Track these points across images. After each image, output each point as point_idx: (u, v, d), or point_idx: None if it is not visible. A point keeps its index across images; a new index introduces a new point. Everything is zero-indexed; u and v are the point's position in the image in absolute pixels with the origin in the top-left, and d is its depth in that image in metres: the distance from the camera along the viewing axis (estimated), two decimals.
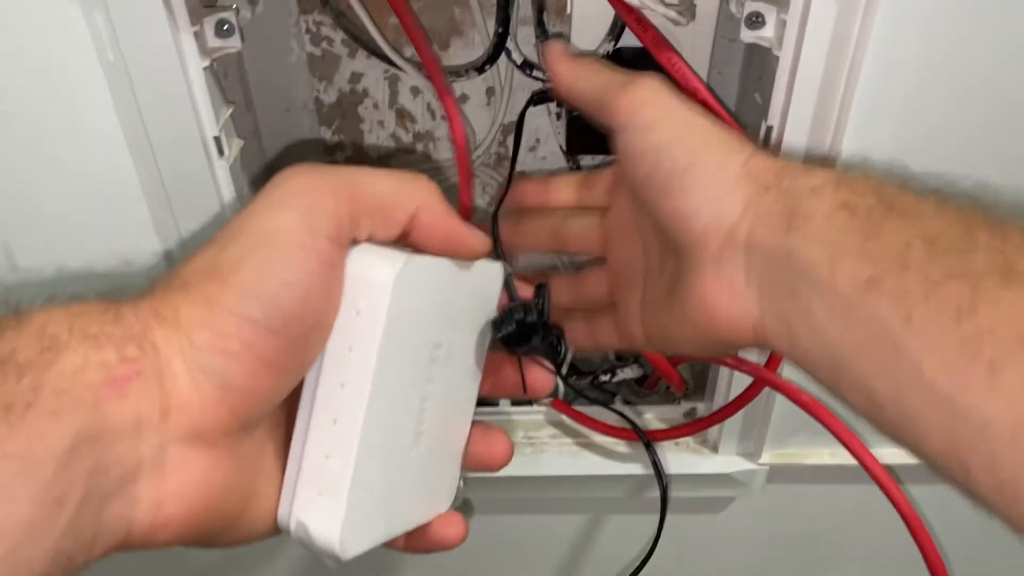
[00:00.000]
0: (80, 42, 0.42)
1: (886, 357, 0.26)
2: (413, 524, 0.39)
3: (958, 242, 0.26)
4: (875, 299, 0.26)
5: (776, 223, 0.30)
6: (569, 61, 0.39)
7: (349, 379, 0.31)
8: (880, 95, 0.44)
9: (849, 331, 0.27)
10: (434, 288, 0.33)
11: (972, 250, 0.26)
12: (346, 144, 0.65)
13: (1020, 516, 0.24)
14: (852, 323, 0.27)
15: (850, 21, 0.41)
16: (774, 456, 0.66)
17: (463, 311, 0.36)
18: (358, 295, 0.30)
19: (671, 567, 0.83)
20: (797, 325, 0.29)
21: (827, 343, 0.28)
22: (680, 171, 0.32)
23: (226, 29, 0.45)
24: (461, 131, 0.46)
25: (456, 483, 0.41)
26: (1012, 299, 0.24)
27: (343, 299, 0.30)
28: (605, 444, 0.68)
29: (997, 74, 0.43)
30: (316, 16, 0.58)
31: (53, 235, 0.51)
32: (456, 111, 0.47)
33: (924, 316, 0.25)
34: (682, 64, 0.46)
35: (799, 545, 0.79)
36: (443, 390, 0.36)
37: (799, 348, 0.29)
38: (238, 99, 0.60)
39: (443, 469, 0.40)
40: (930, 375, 0.25)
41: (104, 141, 0.46)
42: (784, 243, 0.30)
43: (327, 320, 0.30)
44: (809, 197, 0.30)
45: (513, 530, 0.78)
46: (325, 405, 0.31)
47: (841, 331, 0.27)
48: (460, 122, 0.47)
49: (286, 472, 0.34)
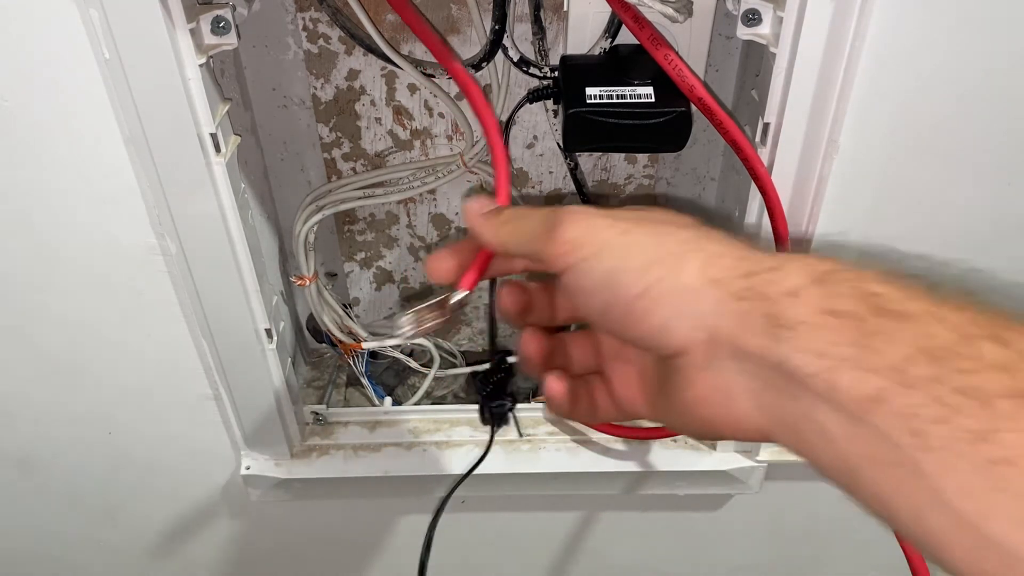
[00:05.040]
0: (76, 39, 0.42)
1: (903, 476, 0.25)
2: None
3: (963, 358, 0.25)
4: (883, 418, 0.25)
5: (759, 331, 0.28)
6: (490, 223, 0.36)
7: None
8: (877, 91, 0.44)
9: (860, 445, 0.26)
10: None
11: (978, 367, 0.25)
12: (343, 141, 0.65)
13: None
14: (862, 438, 0.26)
15: (846, 17, 0.41)
16: (772, 453, 0.66)
17: None
18: None
19: (670, 564, 0.83)
20: (805, 432, 0.28)
21: (839, 454, 0.27)
22: (637, 296, 0.30)
23: (222, 26, 0.45)
24: (492, 117, 0.44)
25: None
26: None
27: None
28: (602, 441, 0.68)
29: (992, 69, 0.43)
30: (313, 13, 0.58)
31: (48, 232, 0.51)
32: (482, 98, 0.45)
33: (940, 439, 0.24)
34: (679, 61, 0.46)
35: (797, 541, 0.79)
36: None
37: (810, 454, 0.28)
38: (235, 96, 0.60)
39: None
40: (952, 500, 0.24)
41: (100, 137, 0.46)
42: (774, 351, 0.28)
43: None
44: (789, 302, 0.28)
45: (511, 527, 0.78)
46: None
47: (852, 444, 0.26)
48: (488, 107, 0.44)
49: None
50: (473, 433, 0.69)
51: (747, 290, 0.29)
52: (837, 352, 0.27)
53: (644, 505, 0.75)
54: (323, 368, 0.77)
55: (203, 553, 0.79)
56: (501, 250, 0.37)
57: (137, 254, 0.52)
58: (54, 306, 0.56)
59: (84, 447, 0.67)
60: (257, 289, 0.55)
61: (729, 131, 0.46)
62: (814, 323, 0.27)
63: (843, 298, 0.28)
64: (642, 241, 0.32)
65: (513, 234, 0.35)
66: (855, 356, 0.26)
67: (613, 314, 0.32)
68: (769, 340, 0.28)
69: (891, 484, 0.26)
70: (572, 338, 0.41)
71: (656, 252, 0.31)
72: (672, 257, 0.31)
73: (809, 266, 0.29)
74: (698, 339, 0.30)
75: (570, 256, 0.32)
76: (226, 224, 0.51)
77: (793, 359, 0.27)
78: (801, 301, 0.28)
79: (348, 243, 0.73)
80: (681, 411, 0.32)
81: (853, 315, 0.27)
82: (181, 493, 0.72)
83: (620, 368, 0.38)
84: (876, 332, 0.26)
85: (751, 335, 0.29)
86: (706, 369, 0.30)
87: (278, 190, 0.68)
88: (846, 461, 0.27)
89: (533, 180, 0.68)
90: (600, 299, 0.32)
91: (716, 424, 0.31)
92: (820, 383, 0.27)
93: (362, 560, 0.67)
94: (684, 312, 0.30)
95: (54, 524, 0.75)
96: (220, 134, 0.47)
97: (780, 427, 0.29)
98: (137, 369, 0.60)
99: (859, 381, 0.26)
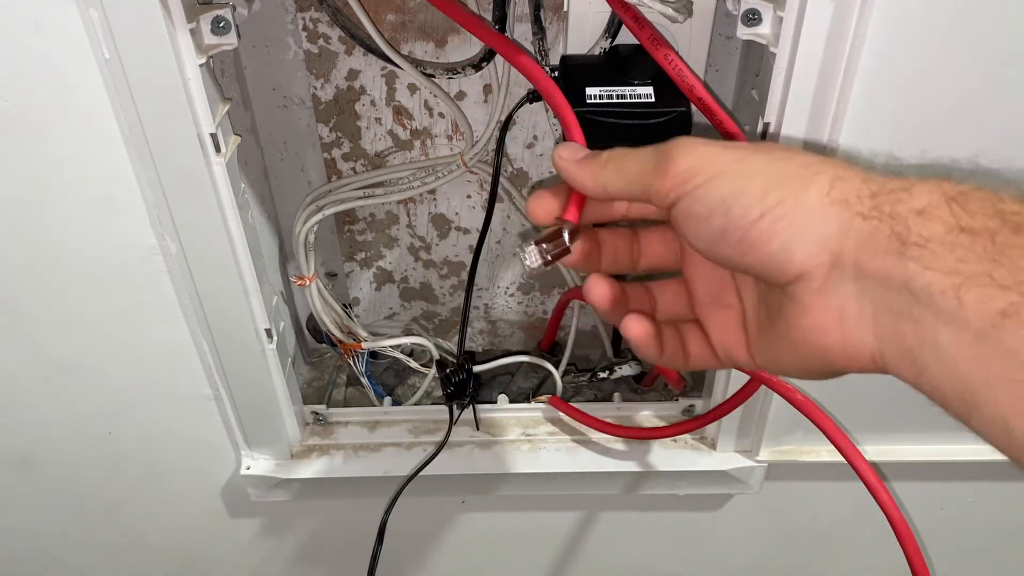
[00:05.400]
0: (76, 39, 0.42)
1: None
2: None
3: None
4: (1012, 332, 0.25)
5: (884, 250, 0.28)
6: (587, 167, 0.36)
7: None
8: (877, 90, 0.44)
9: (983, 365, 0.25)
10: None
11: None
12: (343, 141, 0.65)
13: None
14: (986, 357, 0.25)
15: (846, 17, 0.41)
16: (772, 453, 0.66)
17: None
18: None
19: (670, 564, 0.83)
20: (923, 356, 0.27)
21: (958, 376, 0.26)
22: (756, 220, 0.30)
23: (222, 26, 0.45)
24: (557, 91, 0.43)
25: None
26: None
27: None
28: (602, 441, 0.68)
29: (993, 69, 0.43)
30: (313, 13, 0.58)
31: (48, 231, 0.51)
32: (543, 72, 0.43)
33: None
34: (679, 61, 0.46)
35: (798, 541, 0.79)
36: None
37: (926, 380, 0.28)
38: (235, 96, 0.60)
39: None
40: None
41: (100, 137, 0.46)
42: (900, 270, 0.27)
43: None
44: (919, 220, 0.27)
45: (511, 526, 0.78)
46: None
47: (974, 365, 0.26)
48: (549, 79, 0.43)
49: None
50: (473, 434, 0.69)
51: (874, 209, 0.28)
52: (967, 268, 0.26)
53: (644, 505, 0.75)
54: (323, 368, 0.77)
55: (203, 553, 0.79)
56: (602, 194, 0.36)
57: (137, 254, 0.52)
58: (54, 306, 0.56)
59: (84, 447, 0.67)
60: (257, 289, 0.55)
61: (729, 131, 0.46)
62: (945, 240, 0.27)
63: (977, 215, 0.27)
64: (760, 166, 0.31)
65: (617, 174, 0.35)
66: (986, 272, 0.26)
67: (729, 240, 0.31)
68: (896, 259, 0.28)
69: (1013, 405, 0.25)
70: (658, 287, 0.40)
71: (776, 176, 0.31)
72: (793, 180, 0.30)
73: (941, 186, 0.28)
74: (820, 262, 0.29)
75: (685, 185, 0.32)
76: (226, 224, 0.51)
77: (921, 277, 0.27)
78: (932, 219, 0.27)
79: (348, 243, 0.73)
80: (793, 343, 0.31)
81: (987, 231, 0.26)
82: (181, 493, 0.72)
83: (718, 314, 0.38)
84: (1011, 247, 0.26)
85: (878, 254, 0.28)
86: (825, 293, 0.30)
87: (278, 190, 0.68)
88: (965, 383, 0.26)
89: (533, 180, 0.68)
90: (716, 225, 0.31)
91: (829, 353, 0.30)
92: (947, 301, 0.26)
93: (362, 560, 0.67)
94: (806, 234, 0.29)
95: (54, 524, 0.75)
96: (220, 134, 0.47)
97: (896, 353, 0.28)
98: (137, 369, 0.60)
99: (989, 297, 0.25)
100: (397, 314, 0.78)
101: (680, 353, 0.39)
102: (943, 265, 0.26)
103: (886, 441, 0.64)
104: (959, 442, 0.64)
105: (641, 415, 0.69)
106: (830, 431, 0.55)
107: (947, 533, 0.73)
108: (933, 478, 0.68)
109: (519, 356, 0.71)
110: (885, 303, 0.28)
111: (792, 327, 0.31)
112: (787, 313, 0.31)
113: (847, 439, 0.55)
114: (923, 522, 0.61)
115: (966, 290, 0.26)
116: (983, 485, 0.70)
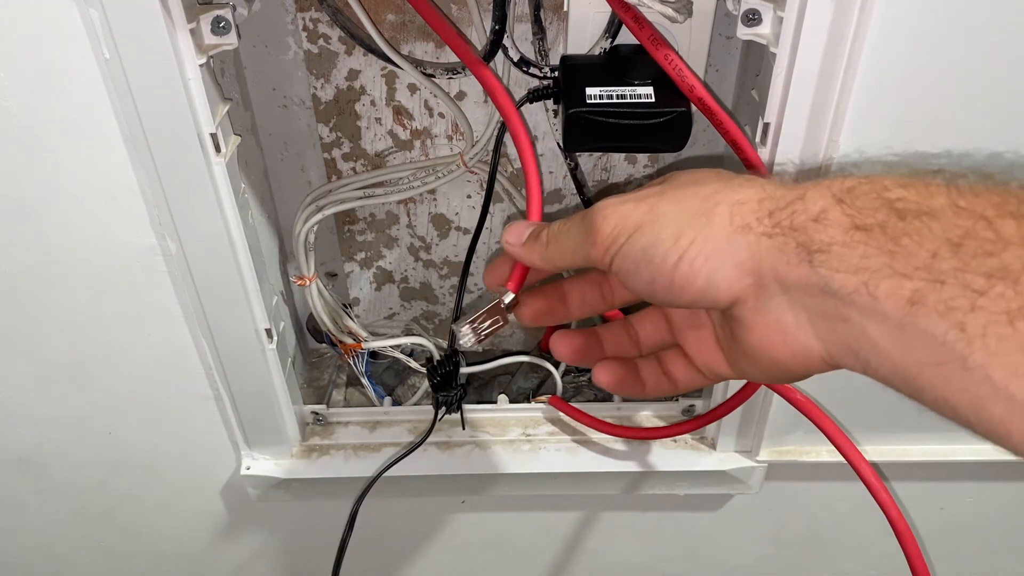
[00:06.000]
0: (76, 39, 0.42)
1: (955, 372, 0.26)
2: None
3: (985, 242, 0.26)
4: (924, 317, 0.26)
5: (796, 262, 0.29)
6: (533, 250, 0.38)
7: None
8: (877, 90, 0.44)
9: (911, 350, 0.27)
10: None
11: (1002, 248, 0.25)
12: (343, 141, 0.65)
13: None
14: (911, 344, 0.27)
15: (846, 17, 0.41)
16: (772, 453, 0.66)
17: None
18: None
19: (670, 564, 0.83)
20: (862, 351, 0.29)
21: (895, 364, 0.28)
22: (676, 262, 0.32)
23: (223, 26, 0.45)
24: (526, 135, 0.44)
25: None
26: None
27: None
28: (602, 441, 0.68)
29: (993, 69, 0.43)
30: (313, 13, 0.58)
31: (48, 231, 0.51)
32: (517, 118, 0.44)
33: (978, 326, 0.25)
34: (679, 61, 0.46)
35: (798, 541, 0.79)
36: None
37: (873, 371, 0.29)
38: (235, 96, 0.60)
39: None
40: (1004, 384, 0.24)
41: (100, 138, 0.46)
42: (815, 277, 0.29)
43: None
44: (817, 227, 0.29)
45: (511, 526, 0.78)
46: None
47: (904, 353, 0.27)
48: (523, 128, 0.44)
49: None
50: (473, 433, 0.69)
51: (775, 227, 0.30)
52: (870, 264, 0.27)
53: (644, 505, 0.75)
54: (323, 368, 0.77)
55: (203, 553, 0.79)
56: (554, 269, 0.39)
57: (137, 254, 0.52)
58: (54, 306, 0.56)
59: (84, 447, 0.67)
60: (257, 289, 0.55)
61: (729, 131, 0.46)
62: (844, 241, 0.28)
63: (867, 211, 0.28)
64: (668, 212, 0.33)
65: (559, 252, 0.37)
66: (887, 264, 0.27)
67: (660, 285, 0.33)
68: (808, 267, 0.29)
69: (947, 384, 0.26)
70: (638, 319, 0.42)
71: (683, 217, 0.32)
72: (698, 216, 0.32)
73: (830, 188, 0.30)
74: (745, 284, 0.31)
75: (612, 247, 0.34)
76: (226, 224, 0.51)
77: (834, 281, 0.28)
78: (828, 223, 0.29)
79: (348, 243, 0.73)
80: (752, 358, 0.33)
81: (879, 225, 0.28)
82: (181, 493, 0.72)
83: (694, 335, 0.39)
84: (902, 235, 0.27)
85: (791, 267, 0.30)
86: (760, 310, 0.31)
87: (278, 190, 0.68)
88: (903, 370, 0.27)
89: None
90: (644, 275, 0.33)
91: (784, 363, 0.32)
92: (862, 297, 0.27)
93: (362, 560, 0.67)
94: (723, 264, 0.31)
95: (54, 524, 0.75)
96: (220, 134, 0.47)
97: (840, 351, 0.30)
98: (137, 369, 0.60)
99: (895, 288, 0.27)
100: (397, 314, 0.78)
101: (664, 381, 0.41)
102: (848, 265, 0.28)
103: (886, 441, 0.64)
104: (959, 442, 0.64)
105: (641, 415, 0.69)
106: (830, 431, 0.55)
107: (947, 533, 0.73)
108: (933, 478, 0.68)
109: (519, 356, 0.71)
110: (815, 308, 0.30)
111: (745, 344, 0.33)
112: (737, 333, 0.33)
113: (847, 439, 0.55)
114: (923, 522, 0.61)
115: (874, 285, 0.27)
116: (983, 485, 0.70)
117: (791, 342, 0.31)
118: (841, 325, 0.29)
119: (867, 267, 0.27)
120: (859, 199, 0.29)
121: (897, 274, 0.27)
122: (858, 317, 0.28)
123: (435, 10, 0.47)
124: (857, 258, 0.28)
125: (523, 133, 0.44)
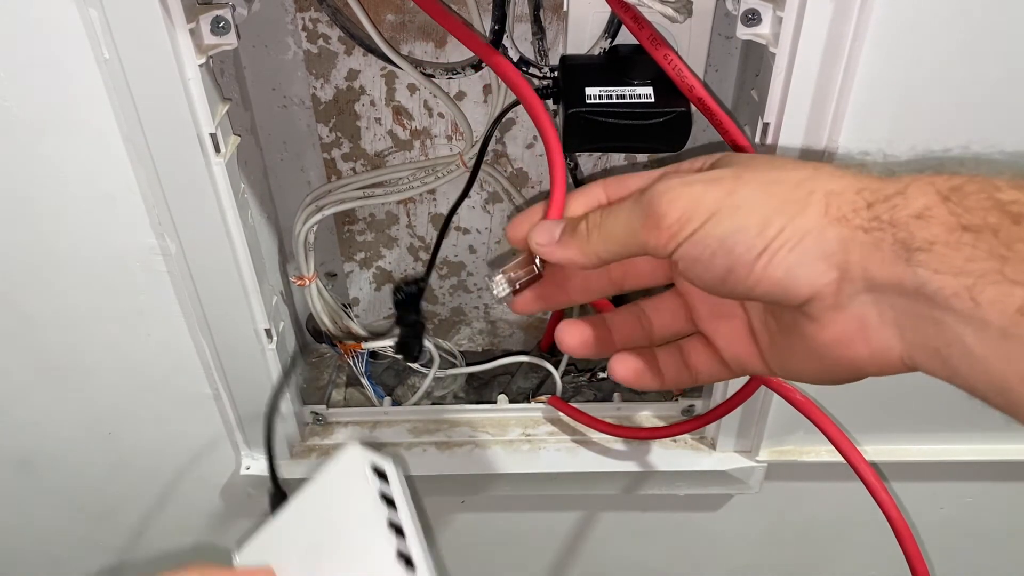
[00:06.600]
0: (76, 39, 0.42)
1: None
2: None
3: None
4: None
5: (892, 259, 0.28)
6: (572, 245, 0.35)
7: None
8: (877, 90, 0.44)
9: (1013, 361, 0.25)
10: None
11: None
12: (343, 141, 0.65)
13: None
14: (1014, 353, 0.25)
15: (846, 17, 0.41)
16: (772, 453, 0.66)
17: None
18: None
19: (670, 564, 0.83)
20: (952, 357, 0.27)
21: (990, 373, 0.26)
22: (760, 252, 0.29)
23: (222, 26, 0.45)
24: (551, 126, 0.43)
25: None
26: None
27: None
28: (601, 441, 0.68)
29: (993, 69, 0.43)
30: (313, 13, 0.58)
31: (48, 231, 0.51)
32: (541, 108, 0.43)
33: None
34: (678, 61, 0.46)
35: (798, 541, 0.79)
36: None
37: (960, 378, 0.27)
38: (234, 96, 0.60)
39: None
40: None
41: (100, 138, 0.46)
42: (910, 276, 0.27)
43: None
44: (919, 224, 0.27)
45: (511, 526, 0.78)
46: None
47: (1004, 363, 0.26)
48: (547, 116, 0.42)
49: None
50: (473, 433, 0.69)
51: (873, 220, 0.28)
52: (976, 268, 0.26)
53: (644, 505, 0.75)
54: (323, 368, 0.77)
55: (203, 553, 0.79)
56: (598, 264, 0.34)
57: (137, 254, 0.52)
58: (54, 306, 0.56)
59: (84, 447, 0.67)
60: (257, 289, 0.55)
61: (729, 131, 0.46)
62: (950, 241, 0.26)
63: (975, 211, 0.27)
64: (751, 197, 0.30)
65: (606, 241, 0.34)
66: (997, 269, 0.26)
67: (736, 277, 0.30)
68: (904, 266, 0.27)
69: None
70: (652, 307, 0.40)
71: (770, 204, 0.30)
72: (788, 204, 0.30)
73: (934, 184, 0.28)
74: (828, 280, 0.29)
75: (681, 233, 0.31)
76: (226, 224, 0.51)
77: (932, 282, 0.27)
78: (932, 221, 0.27)
79: (348, 243, 0.73)
80: (818, 355, 0.31)
81: (988, 227, 0.26)
82: (181, 493, 0.72)
83: (724, 325, 0.37)
84: (1016, 240, 0.26)
85: (884, 264, 0.28)
86: (840, 308, 0.30)
87: (278, 190, 0.68)
88: (1000, 380, 0.26)
89: (533, 180, 0.68)
90: (720, 265, 0.31)
91: (858, 362, 0.30)
92: (963, 302, 0.26)
93: None
94: (810, 256, 0.29)
95: (54, 524, 0.75)
96: (220, 134, 0.47)
97: (925, 355, 0.28)
98: (137, 369, 0.60)
99: (1004, 294, 0.25)
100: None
101: (685, 372, 0.38)
102: (952, 267, 0.26)
103: (886, 441, 0.64)
104: (959, 442, 0.64)
105: (641, 415, 0.69)
106: (830, 431, 0.55)
107: (947, 533, 0.73)
108: (933, 478, 0.68)
109: (519, 356, 0.71)
110: (904, 308, 0.28)
111: (814, 342, 0.31)
112: (805, 329, 0.31)
113: (847, 439, 0.55)
114: (923, 522, 0.61)
115: (979, 290, 0.26)
116: (983, 485, 0.70)
117: (872, 341, 0.29)
118: (932, 329, 0.27)
119: (972, 271, 0.26)
120: (967, 198, 0.27)
121: (1007, 280, 0.25)
122: (953, 322, 0.26)
123: (439, 4, 0.47)
124: (961, 260, 0.26)
125: (545, 118, 0.42)
